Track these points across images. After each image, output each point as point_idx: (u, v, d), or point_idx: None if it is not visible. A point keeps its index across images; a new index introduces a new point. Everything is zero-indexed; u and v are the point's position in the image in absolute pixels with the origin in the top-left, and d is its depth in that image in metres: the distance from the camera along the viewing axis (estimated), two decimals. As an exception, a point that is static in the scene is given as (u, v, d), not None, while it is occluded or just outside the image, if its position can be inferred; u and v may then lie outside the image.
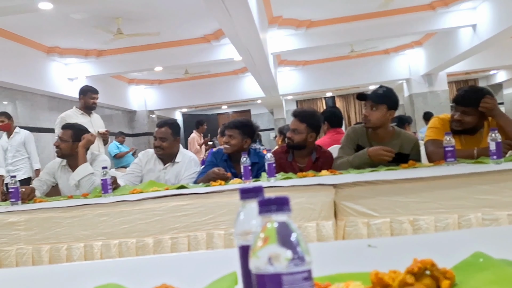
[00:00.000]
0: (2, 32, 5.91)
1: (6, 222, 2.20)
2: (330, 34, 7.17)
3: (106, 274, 0.93)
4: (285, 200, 0.42)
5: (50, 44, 6.89)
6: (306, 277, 0.40)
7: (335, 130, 3.57)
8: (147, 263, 1.08)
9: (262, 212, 0.42)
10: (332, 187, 1.92)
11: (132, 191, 2.52)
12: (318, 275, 0.72)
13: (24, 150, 5.04)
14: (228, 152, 2.83)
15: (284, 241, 0.40)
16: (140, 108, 10.99)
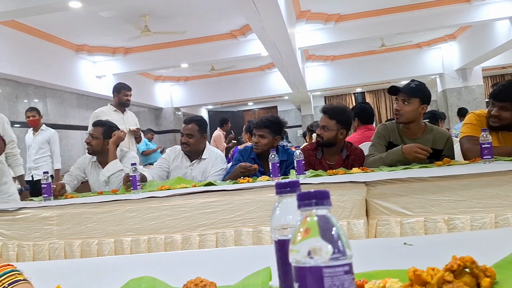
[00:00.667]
0: (33, 31, 6.11)
1: (39, 217, 2.28)
2: (360, 28, 7.07)
3: (140, 267, 0.96)
4: (325, 194, 0.43)
5: (79, 42, 7.08)
6: (347, 270, 0.40)
7: (365, 127, 3.53)
8: (179, 258, 1.10)
9: (302, 206, 0.43)
10: (364, 185, 1.90)
11: (160, 187, 2.57)
12: (355, 272, 0.72)
13: (47, 148, 5.05)
14: (259, 152, 2.84)
15: (325, 234, 0.41)
16: (166, 105, 11.15)
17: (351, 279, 0.40)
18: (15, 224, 2.30)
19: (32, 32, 6.13)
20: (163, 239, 2.17)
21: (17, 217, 2.30)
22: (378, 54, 9.99)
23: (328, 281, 0.39)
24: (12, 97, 6.01)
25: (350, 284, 0.40)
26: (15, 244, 2.29)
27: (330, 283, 0.39)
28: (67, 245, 2.25)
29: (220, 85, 11.00)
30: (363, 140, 3.24)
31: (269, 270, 0.73)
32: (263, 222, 2.03)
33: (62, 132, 7.05)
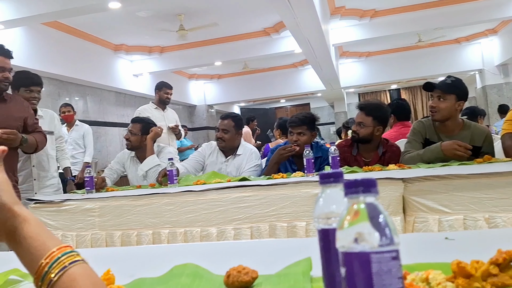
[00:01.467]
0: (74, 31, 6.34)
1: (82, 208, 2.37)
2: (396, 23, 6.93)
3: (183, 256, 0.99)
4: (372, 182, 0.43)
5: (117, 42, 7.28)
6: (394, 256, 0.41)
7: (402, 124, 3.47)
8: (220, 248, 1.13)
9: (349, 193, 0.44)
10: (401, 182, 1.87)
11: (196, 182, 2.62)
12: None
13: (82, 144, 5.06)
14: (301, 152, 2.69)
15: (373, 220, 0.41)
16: (199, 102, 11.30)
17: (398, 265, 0.41)
18: (59, 215, 2.40)
19: (73, 33, 6.35)
20: (199, 232, 2.21)
21: (62, 208, 2.41)
22: (415, 50, 9.75)
23: (376, 266, 0.40)
24: (55, 95, 6.26)
25: (398, 270, 0.41)
26: (60, 234, 2.39)
27: (378, 268, 0.40)
28: (108, 235, 2.33)
29: (252, 83, 11.05)
30: (399, 137, 3.19)
31: (310, 260, 0.74)
32: (297, 217, 2.04)
33: (101, 129, 7.28)
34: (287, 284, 0.66)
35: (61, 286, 0.53)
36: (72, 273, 0.54)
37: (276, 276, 0.72)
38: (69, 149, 4.92)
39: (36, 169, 3.03)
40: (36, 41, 5.69)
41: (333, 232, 0.53)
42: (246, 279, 0.69)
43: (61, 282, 0.53)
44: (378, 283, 0.40)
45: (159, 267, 0.87)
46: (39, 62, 5.70)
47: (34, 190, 3.00)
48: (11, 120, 2.59)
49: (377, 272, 0.40)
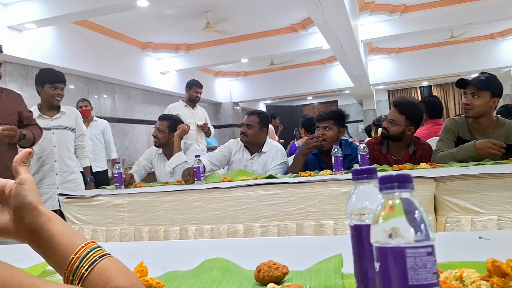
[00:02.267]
0: (102, 30, 6.48)
1: (112, 204, 2.44)
2: (427, 19, 6.78)
3: (212, 251, 1.01)
4: (408, 177, 0.44)
5: (144, 40, 7.41)
6: (429, 252, 0.41)
7: (434, 121, 3.41)
8: (248, 244, 1.15)
9: (384, 189, 0.44)
10: (433, 180, 1.85)
11: (222, 179, 2.65)
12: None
13: (102, 139, 5.01)
14: (326, 147, 2.71)
15: (409, 216, 0.42)
16: (225, 100, 11.37)
17: (433, 261, 0.41)
18: (90, 210, 2.48)
19: (102, 31, 6.50)
20: (225, 229, 2.24)
21: (92, 203, 2.48)
22: (447, 46, 9.52)
23: (411, 261, 0.40)
24: (84, 92, 6.42)
25: (433, 265, 0.41)
26: (90, 229, 2.47)
27: (412, 263, 0.40)
28: (137, 231, 2.39)
29: (279, 80, 11.03)
30: (431, 135, 3.14)
31: (341, 256, 0.75)
32: (325, 216, 2.04)
33: (128, 126, 7.43)
34: (318, 280, 0.67)
35: (93, 278, 0.56)
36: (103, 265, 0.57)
37: (307, 272, 0.73)
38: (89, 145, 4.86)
39: (58, 164, 3.13)
40: (66, 40, 5.85)
41: (366, 228, 0.54)
42: (276, 274, 0.70)
43: (93, 274, 0.56)
44: (413, 278, 0.40)
45: (189, 261, 0.89)
46: (69, 60, 5.86)
47: (56, 185, 3.11)
48: (8, 115, 2.64)
49: (412, 267, 0.40)
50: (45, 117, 3.17)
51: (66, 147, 3.20)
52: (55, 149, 3.14)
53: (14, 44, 4.92)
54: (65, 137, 3.22)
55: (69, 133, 3.25)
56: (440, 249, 0.87)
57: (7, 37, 4.83)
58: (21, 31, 5.03)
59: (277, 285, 0.63)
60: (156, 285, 0.76)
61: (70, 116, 3.29)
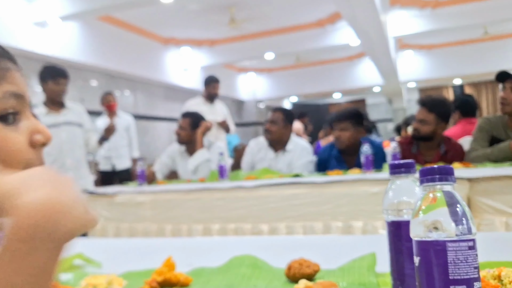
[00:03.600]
0: (125, 25, 6.60)
1: (135, 201, 2.49)
2: (460, 14, 6.64)
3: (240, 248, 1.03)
4: (450, 169, 0.44)
5: (167, 35, 7.49)
6: (471, 246, 0.41)
7: (467, 120, 3.34)
8: (273, 242, 1.16)
9: (425, 181, 0.45)
10: (467, 181, 1.82)
11: (247, 177, 2.66)
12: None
13: (126, 136, 4.91)
14: (342, 147, 2.78)
15: (451, 209, 0.42)
16: (248, 97, 11.39)
17: (475, 255, 0.41)
18: (113, 207, 2.54)
19: (125, 26, 6.61)
20: (249, 228, 2.25)
21: (115, 201, 2.54)
22: (480, 43, 9.30)
23: (452, 255, 0.41)
24: (106, 89, 6.53)
25: (474, 259, 0.41)
26: (113, 226, 2.52)
27: (453, 257, 0.41)
28: (160, 229, 2.43)
29: (304, 76, 10.98)
30: (464, 134, 3.08)
31: (374, 255, 0.75)
32: (354, 216, 2.03)
33: (150, 123, 7.54)
34: (351, 278, 0.68)
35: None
36: None
37: (340, 270, 0.73)
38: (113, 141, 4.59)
39: (70, 160, 3.15)
40: (90, 36, 5.98)
41: (404, 224, 0.54)
42: (308, 272, 0.71)
43: None
44: (454, 272, 0.41)
45: (215, 258, 0.91)
46: (92, 56, 5.99)
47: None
48: None
49: (453, 261, 0.41)
50: (53, 113, 3.16)
51: (76, 143, 3.22)
52: (65, 145, 3.13)
53: (38, 40, 5.07)
54: (74, 133, 3.22)
55: (77, 128, 3.26)
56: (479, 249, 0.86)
57: (31, 33, 4.97)
58: (45, 27, 5.17)
59: (310, 282, 0.64)
60: (185, 280, 0.78)
61: (77, 112, 3.30)
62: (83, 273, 0.86)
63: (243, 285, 0.73)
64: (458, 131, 3.27)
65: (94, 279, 0.81)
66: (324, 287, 0.62)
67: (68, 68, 5.76)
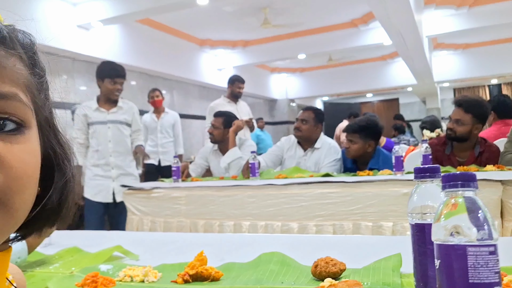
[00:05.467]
0: (163, 27, 6.73)
1: (170, 196, 2.55)
2: (498, 13, 6.40)
3: (269, 245, 1.05)
4: (472, 176, 0.44)
5: (202, 37, 7.60)
6: (492, 251, 0.41)
7: (503, 122, 3.23)
8: (302, 240, 1.17)
9: (448, 187, 0.45)
10: (500, 184, 1.77)
11: (277, 176, 2.68)
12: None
13: (171, 132, 4.91)
14: (350, 157, 2.82)
15: (472, 215, 0.42)
16: (281, 96, 11.39)
17: (496, 260, 0.42)
18: (149, 201, 2.61)
19: (163, 29, 6.75)
20: (279, 226, 2.27)
21: (152, 195, 2.61)
22: (518, 42, 8.95)
23: (472, 259, 0.41)
24: (144, 88, 6.70)
25: (495, 264, 0.41)
26: (149, 220, 2.59)
27: (474, 261, 0.41)
28: (193, 224, 2.48)
29: (337, 76, 10.87)
30: (500, 136, 2.99)
31: (400, 256, 0.75)
32: (383, 217, 2.01)
33: (185, 121, 7.67)
34: (376, 278, 0.68)
35: None
36: None
37: (365, 269, 0.74)
38: (158, 138, 4.83)
39: (113, 159, 3.11)
40: (130, 38, 6.14)
41: (428, 227, 0.55)
42: (334, 270, 0.72)
43: None
44: (474, 276, 0.41)
45: (245, 254, 0.93)
46: (132, 57, 6.15)
47: (112, 178, 3.10)
48: None
49: (473, 265, 0.41)
50: (102, 110, 3.14)
51: (122, 141, 3.17)
52: (110, 144, 3.12)
53: (82, 42, 5.25)
54: (121, 131, 3.16)
55: (125, 127, 3.20)
56: (505, 253, 0.85)
57: (75, 35, 5.15)
58: (88, 30, 5.34)
59: (335, 281, 0.65)
60: (216, 274, 0.81)
61: (127, 111, 3.23)
62: (122, 265, 0.90)
63: (270, 281, 0.75)
64: (494, 133, 3.17)
65: (131, 270, 0.84)
66: (348, 286, 0.63)
67: (109, 69, 6.00)
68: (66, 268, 0.91)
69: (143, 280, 0.82)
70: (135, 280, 0.82)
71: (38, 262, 0.99)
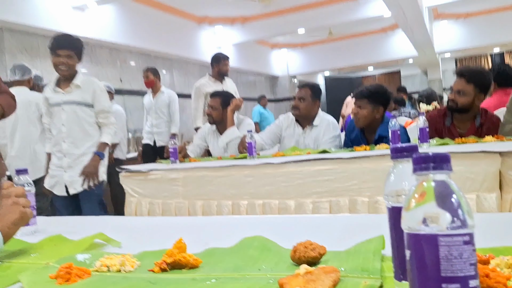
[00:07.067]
0: (159, 5, 6.60)
1: (167, 178, 2.52)
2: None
3: (253, 228, 1.01)
4: (445, 157, 0.39)
5: (200, 14, 7.46)
6: (466, 240, 0.37)
7: (504, 91, 3.15)
8: (290, 222, 1.13)
9: (418, 170, 0.40)
10: (498, 155, 1.72)
11: (275, 154, 2.64)
12: (479, 247, 0.66)
13: (166, 112, 4.72)
14: (359, 126, 2.72)
15: (442, 201, 0.38)
16: (282, 73, 11.25)
17: (471, 250, 0.37)
18: (147, 183, 2.58)
19: (159, 7, 6.62)
20: (277, 204, 2.24)
21: (149, 177, 2.58)
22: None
23: (444, 250, 0.36)
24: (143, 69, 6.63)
25: (470, 255, 0.37)
26: (147, 202, 2.57)
27: (446, 252, 0.36)
28: (191, 204, 2.46)
29: (338, 50, 10.70)
30: (500, 105, 2.91)
31: (383, 238, 0.71)
32: (380, 192, 1.97)
33: (186, 100, 7.60)
34: (355, 262, 0.64)
35: None
36: None
37: (345, 253, 0.70)
38: (153, 118, 4.69)
39: (66, 145, 2.73)
40: (126, 17, 6.03)
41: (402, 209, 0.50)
42: (313, 255, 0.68)
43: None
44: (446, 269, 0.36)
45: (230, 237, 0.89)
46: (129, 37, 6.05)
47: (64, 168, 2.74)
48: None
49: (445, 257, 0.36)
50: (58, 90, 2.74)
51: (78, 125, 2.73)
52: (63, 128, 2.72)
53: (78, 23, 5.15)
54: (78, 114, 2.72)
55: (83, 109, 2.74)
56: (496, 232, 0.80)
57: (71, 17, 5.05)
58: (84, 10, 5.24)
59: (311, 267, 0.61)
60: (194, 262, 0.77)
61: (86, 89, 2.74)
62: (100, 253, 0.86)
63: (248, 267, 0.71)
64: (494, 102, 3.10)
65: (108, 260, 0.81)
66: (325, 273, 0.59)
67: (107, 49, 5.92)
68: (44, 258, 0.88)
69: (120, 269, 0.78)
70: (112, 269, 0.78)
71: (18, 252, 0.96)
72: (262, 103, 8.54)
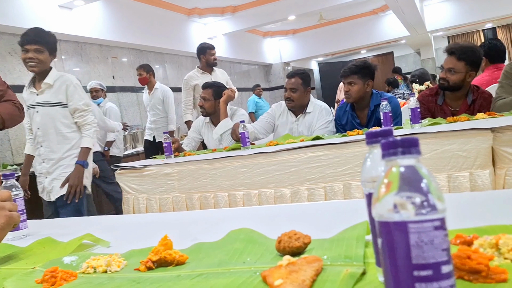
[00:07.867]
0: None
1: (162, 173, 2.51)
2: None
3: (240, 220, 1.00)
4: (413, 141, 0.38)
5: (190, 6, 7.38)
6: (437, 226, 0.35)
7: (495, 66, 3.13)
8: (280, 211, 1.12)
9: (386, 155, 0.39)
10: (490, 132, 1.70)
11: (268, 143, 2.62)
12: (465, 227, 0.65)
13: (162, 108, 4.69)
14: (351, 101, 2.74)
15: (411, 186, 0.36)
16: (275, 61, 11.18)
17: (443, 235, 0.36)
18: (143, 179, 2.57)
19: (147, 1, 6.54)
20: (272, 193, 2.23)
21: (145, 173, 2.56)
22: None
23: (414, 237, 0.35)
24: (136, 64, 6.54)
25: (442, 240, 0.35)
26: (144, 198, 2.56)
27: (416, 239, 0.35)
28: (188, 198, 2.45)
29: (329, 35, 10.63)
30: (492, 81, 2.89)
31: (367, 224, 0.70)
32: (374, 175, 1.96)
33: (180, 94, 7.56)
34: (339, 250, 0.63)
35: None
36: None
37: (329, 241, 0.69)
38: (151, 115, 4.70)
39: (43, 149, 2.60)
40: (115, 13, 5.95)
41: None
42: (297, 245, 0.67)
43: None
44: (417, 256, 0.35)
45: (218, 231, 0.88)
46: (119, 33, 5.99)
47: (44, 174, 2.62)
48: None
49: (415, 244, 0.35)
50: (32, 91, 2.59)
51: (54, 128, 2.56)
52: (38, 131, 2.57)
53: (66, 22, 5.09)
54: (51, 116, 2.56)
55: (56, 109, 2.56)
56: (483, 211, 0.79)
57: (58, 16, 4.99)
58: (71, 9, 5.18)
59: (294, 258, 0.60)
60: (180, 258, 0.76)
61: (58, 88, 2.57)
62: (87, 255, 0.85)
63: (233, 261, 0.70)
64: (486, 78, 3.08)
65: (95, 261, 0.80)
66: (307, 262, 0.58)
67: (97, 47, 5.86)
68: (31, 263, 0.87)
69: (106, 270, 0.77)
70: (98, 270, 0.77)
71: (7, 257, 0.94)
72: (257, 93, 8.50)
